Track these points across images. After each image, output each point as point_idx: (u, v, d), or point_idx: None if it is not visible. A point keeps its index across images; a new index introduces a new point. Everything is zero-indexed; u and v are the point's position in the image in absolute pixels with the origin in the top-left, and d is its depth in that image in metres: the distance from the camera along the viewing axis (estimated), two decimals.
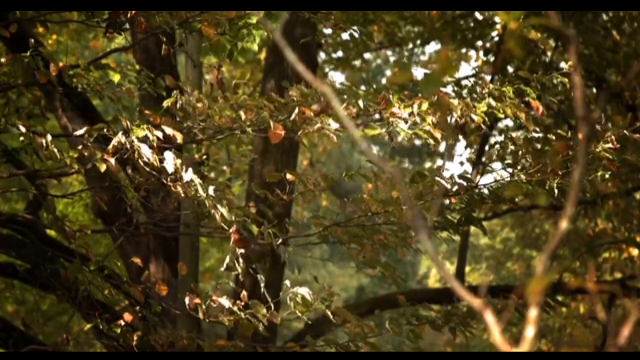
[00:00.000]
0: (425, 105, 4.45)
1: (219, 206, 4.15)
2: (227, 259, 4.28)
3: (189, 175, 4.12)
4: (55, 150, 4.19)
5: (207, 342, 4.79)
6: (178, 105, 4.45)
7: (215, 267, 13.87)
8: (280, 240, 4.45)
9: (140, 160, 4.14)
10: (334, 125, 4.39)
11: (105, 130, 4.29)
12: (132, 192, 5.03)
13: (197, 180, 4.15)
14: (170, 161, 4.11)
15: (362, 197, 4.78)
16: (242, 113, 4.42)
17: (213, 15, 4.51)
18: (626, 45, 10.11)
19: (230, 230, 4.19)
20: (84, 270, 4.83)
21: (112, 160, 4.17)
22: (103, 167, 4.15)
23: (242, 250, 4.23)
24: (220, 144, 9.54)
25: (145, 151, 4.11)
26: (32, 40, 4.51)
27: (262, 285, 4.42)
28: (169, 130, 4.28)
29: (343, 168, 20.97)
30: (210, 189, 4.16)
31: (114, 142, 4.16)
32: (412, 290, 14.10)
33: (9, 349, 6.12)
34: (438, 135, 4.49)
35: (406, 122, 4.48)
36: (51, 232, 5.67)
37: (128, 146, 4.15)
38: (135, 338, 4.67)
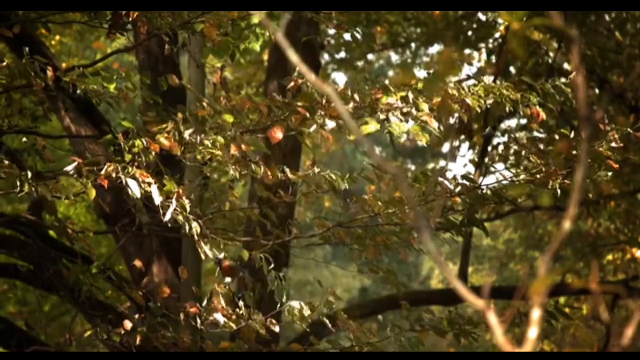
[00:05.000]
0: (419, 85, 4.46)
1: (194, 224, 4.16)
2: (209, 294, 4.42)
3: (157, 198, 4.10)
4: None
5: (209, 343, 4.79)
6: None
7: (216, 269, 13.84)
8: (272, 266, 4.46)
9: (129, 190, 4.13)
10: (331, 124, 4.38)
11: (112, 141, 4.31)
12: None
13: (176, 208, 4.14)
14: (156, 195, 4.11)
15: (364, 197, 4.77)
16: (243, 115, 4.42)
17: (215, 16, 4.51)
18: (629, 46, 10.10)
19: (220, 256, 4.27)
20: (87, 271, 4.83)
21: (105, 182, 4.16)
22: (93, 194, 4.14)
23: (229, 279, 4.35)
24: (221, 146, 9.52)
25: (134, 187, 4.09)
26: (27, 49, 4.50)
27: (251, 310, 4.49)
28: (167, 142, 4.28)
29: (346, 169, 20.95)
30: (194, 224, 4.16)
31: (104, 173, 4.14)
32: (415, 291, 14.09)
33: (11, 349, 6.12)
34: (433, 122, 4.45)
35: (402, 114, 4.45)
36: (53, 233, 5.67)
37: (119, 181, 4.14)
38: (138, 339, 4.67)
